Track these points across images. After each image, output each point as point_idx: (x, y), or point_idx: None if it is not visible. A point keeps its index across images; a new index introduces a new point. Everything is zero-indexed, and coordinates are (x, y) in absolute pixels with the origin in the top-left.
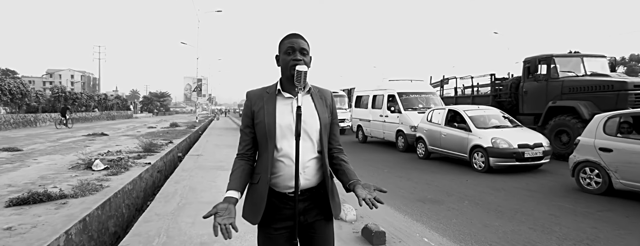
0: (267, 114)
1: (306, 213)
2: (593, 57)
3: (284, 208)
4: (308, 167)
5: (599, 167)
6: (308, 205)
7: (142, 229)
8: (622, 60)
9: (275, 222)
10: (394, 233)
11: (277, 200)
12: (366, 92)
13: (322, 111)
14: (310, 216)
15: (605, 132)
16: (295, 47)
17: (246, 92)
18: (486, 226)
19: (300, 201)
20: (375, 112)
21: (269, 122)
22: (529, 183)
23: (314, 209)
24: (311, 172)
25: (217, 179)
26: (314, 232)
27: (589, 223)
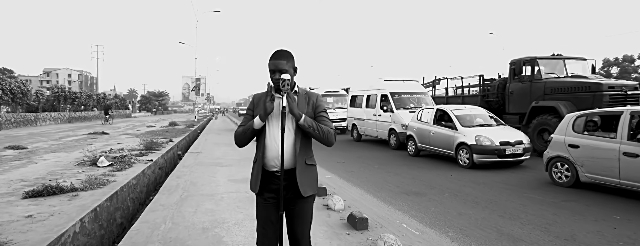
0: (260, 108)
1: (287, 189)
2: (575, 60)
3: (271, 183)
4: (287, 153)
5: (568, 162)
6: (288, 184)
7: (150, 217)
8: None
9: (266, 193)
10: (376, 220)
11: (267, 177)
12: (360, 91)
13: (303, 107)
14: (290, 192)
15: (573, 130)
16: (275, 69)
17: (253, 94)
18: (461, 214)
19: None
20: (369, 111)
21: (258, 113)
22: (508, 178)
23: (293, 187)
24: (288, 157)
25: (216, 174)
26: (294, 205)
27: (551, 210)
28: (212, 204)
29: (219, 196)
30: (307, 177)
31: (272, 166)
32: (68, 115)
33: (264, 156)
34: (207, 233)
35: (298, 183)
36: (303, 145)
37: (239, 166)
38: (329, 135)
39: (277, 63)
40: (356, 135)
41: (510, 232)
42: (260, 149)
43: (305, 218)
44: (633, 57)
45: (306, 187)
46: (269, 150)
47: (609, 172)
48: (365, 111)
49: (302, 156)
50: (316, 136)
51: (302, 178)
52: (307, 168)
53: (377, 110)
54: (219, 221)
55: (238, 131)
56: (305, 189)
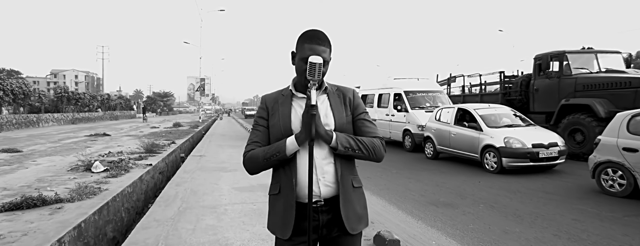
0: (281, 116)
1: (328, 226)
2: (607, 53)
3: (304, 220)
4: (327, 173)
5: (623, 168)
6: (331, 217)
7: (140, 237)
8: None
9: (297, 236)
10: (408, 241)
11: (300, 212)
12: (371, 90)
13: (339, 110)
14: (333, 230)
15: (629, 131)
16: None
17: (262, 96)
18: (506, 232)
19: (322, 213)
20: (381, 111)
21: (284, 125)
22: (544, 185)
23: (337, 222)
24: (331, 179)
25: (220, 181)
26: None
27: (618, 229)
28: (213, 219)
29: (222, 208)
30: (356, 205)
31: (305, 196)
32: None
33: (294, 185)
34: None
35: (342, 215)
36: (345, 162)
37: (244, 171)
38: (375, 149)
39: (318, 49)
40: None
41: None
42: (289, 174)
43: None
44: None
45: (354, 220)
46: (300, 174)
47: None
48: (377, 111)
49: (347, 177)
50: (360, 156)
51: (348, 208)
52: (354, 194)
53: (390, 109)
54: (221, 242)
55: (256, 153)
56: (353, 223)
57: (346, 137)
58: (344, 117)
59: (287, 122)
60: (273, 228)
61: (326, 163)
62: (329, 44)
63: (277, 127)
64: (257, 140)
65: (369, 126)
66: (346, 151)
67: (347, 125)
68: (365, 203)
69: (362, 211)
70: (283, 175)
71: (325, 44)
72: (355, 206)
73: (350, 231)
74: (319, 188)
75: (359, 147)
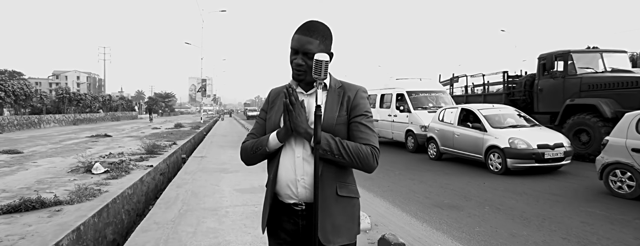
0: (276, 111)
1: (308, 232)
2: (613, 53)
3: (285, 221)
4: (307, 174)
5: (632, 169)
6: (308, 223)
7: (139, 240)
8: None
9: (277, 235)
10: (413, 244)
11: (279, 210)
12: (373, 91)
13: (331, 109)
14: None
15: (638, 132)
16: (299, 50)
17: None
18: (513, 235)
19: (302, 217)
20: (383, 112)
21: (275, 119)
22: (551, 186)
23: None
24: (309, 181)
25: (221, 182)
26: None
27: (629, 232)
28: (214, 221)
29: (223, 210)
30: (337, 216)
31: (288, 196)
32: (73, 117)
33: (276, 180)
34: None
35: (318, 225)
36: (329, 165)
37: (246, 172)
38: (360, 157)
39: (303, 40)
40: None
41: None
42: (271, 169)
43: None
44: None
45: (330, 231)
46: (282, 170)
47: None
48: (379, 111)
49: (331, 182)
50: (341, 162)
51: (325, 216)
52: (338, 202)
53: (392, 110)
54: (222, 245)
55: (247, 145)
56: (328, 234)
57: (329, 138)
58: (335, 117)
59: (279, 116)
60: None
61: (307, 164)
62: (320, 36)
63: (272, 120)
64: (253, 132)
65: (362, 131)
66: (325, 154)
67: (338, 126)
68: (353, 215)
69: (345, 223)
70: (269, 170)
71: (314, 35)
72: (334, 215)
73: (324, 242)
74: (297, 189)
75: (340, 152)
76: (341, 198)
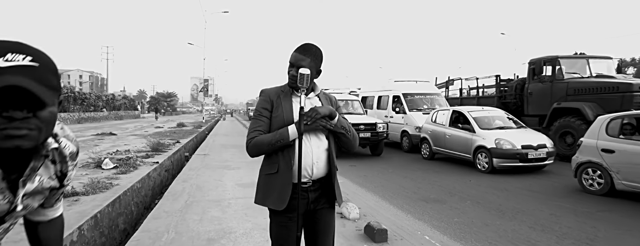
0: (284, 110)
1: (315, 201)
2: (599, 59)
3: (294, 198)
4: (320, 159)
5: (601, 168)
6: (318, 194)
7: (152, 225)
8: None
9: (289, 210)
10: (396, 231)
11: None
12: (371, 92)
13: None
14: (318, 204)
15: (607, 134)
16: (294, 64)
17: (261, 89)
18: (487, 225)
19: (311, 191)
20: (380, 113)
21: (287, 117)
22: (531, 184)
23: (322, 197)
24: (321, 165)
25: (224, 178)
26: (319, 218)
27: (589, 222)
28: (218, 211)
29: (226, 202)
30: (339, 185)
31: (304, 176)
32: (77, 116)
33: (291, 166)
34: (212, 245)
35: (336, 193)
36: (333, 151)
37: (248, 169)
38: (355, 137)
39: (298, 57)
40: None
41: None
42: (286, 158)
43: (330, 232)
44: None
45: (340, 196)
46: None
47: None
48: (376, 112)
49: (334, 162)
50: (346, 138)
51: (337, 187)
52: (336, 175)
53: (389, 111)
54: (225, 231)
55: (261, 139)
56: (340, 199)
57: (345, 122)
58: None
59: (290, 115)
60: (265, 201)
61: (321, 151)
62: (312, 55)
63: (280, 118)
64: (259, 128)
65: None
66: (340, 129)
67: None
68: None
69: (339, 189)
70: (281, 159)
71: (307, 54)
72: (338, 185)
73: (339, 204)
74: (312, 170)
75: (349, 129)
76: (335, 172)
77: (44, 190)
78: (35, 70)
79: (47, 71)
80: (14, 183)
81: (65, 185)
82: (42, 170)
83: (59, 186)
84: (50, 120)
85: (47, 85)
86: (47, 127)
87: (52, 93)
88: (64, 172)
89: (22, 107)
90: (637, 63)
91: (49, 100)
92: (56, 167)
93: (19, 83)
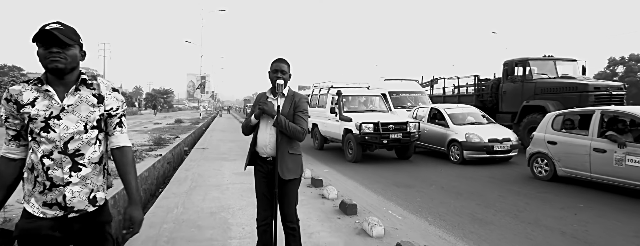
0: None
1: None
2: (565, 61)
3: (259, 165)
4: (271, 142)
5: (547, 157)
6: (272, 168)
7: (163, 203)
8: (621, 60)
9: (257, 173)
10: (365, 207)
11: (259, 160)
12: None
13: (286, 107)
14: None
15: (552, 128)
16: (278, 69)
17: (259, 93)
18: (442, 203)
19: (269, 163)
20: None
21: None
22: (494, 172)
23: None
24: (272, 145)
25: (222, 168)
26: (282, 186)
27: (525, 200)
28: (218, 193)
29: (224, 186)
30: (289, 163)
31: (261, 153)
32: None
33: (256, 144)
34: (214, 216)
35: (278, 167)
36: (285, 138)
37: (244, 161)
38: (295, 132)
39: (280, 65)
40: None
41: (483, 218)
42: (254, 138)
43: (289, 198)
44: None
45: (286, 171)
46: (259, 140)
47: (581, 166)
48: None
49: (284, 145)
50: (285, 133)
51: (282, 163)
52: (289, 156)
53: None
54: (224, 207)
55: (243, 123)
56: (285, 173)
57: (283, 120)
58: (288, 110)
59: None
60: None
61: (270, 135)
62: (286, 65)
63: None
64: (247, 117)
65: (299, 118)
66: (278, 126)
67: (289, 116)
68: (297, 163)
69: (293, 167)
70: (253, 139)
71: (283, 63)
72: (288, 163)
73: (282, 176)
74: (267, 149)
75: (285, 127)
76: (291, 154)
77: (87, 105)
78: (61, 29)
79: (68, 31)
80: (62, 95)
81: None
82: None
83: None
84: (73, 56)
85: (67, 36)
86: (72, 59)
87: (71, 40)
88: (101, 95)
89: (56, 45)
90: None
91: (69, 42)
92: (93, 91)
93: (53, 31)
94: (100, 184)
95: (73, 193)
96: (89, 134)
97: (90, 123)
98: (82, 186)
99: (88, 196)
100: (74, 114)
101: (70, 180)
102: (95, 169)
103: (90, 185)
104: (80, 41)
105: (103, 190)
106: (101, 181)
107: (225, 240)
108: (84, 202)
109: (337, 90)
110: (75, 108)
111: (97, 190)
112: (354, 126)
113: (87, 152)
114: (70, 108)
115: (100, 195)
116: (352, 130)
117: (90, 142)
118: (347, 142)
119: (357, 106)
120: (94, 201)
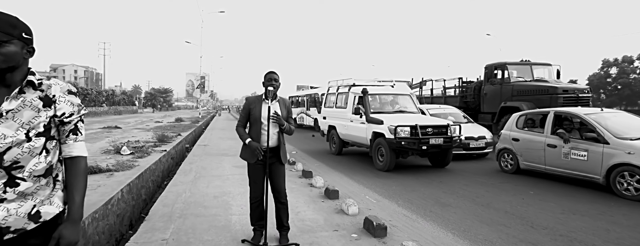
0: (258, 110)
1: (271, 158)
2: (540, 65)
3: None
4: (274, 136)
5: (512, 153)
6: (272, 155)
7: (173, 189)
8: (614, 62)
9: (256, 161)
10: (346, 193)
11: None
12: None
13: (282, 110)
14: (272, 160)
15: (516, 126)
16: (271, 79)
17: (246, 97)
18: (413, 190)
19: (269, 151)
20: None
21: (257, 114)
22: (468, 167)
23: (273, 157)
24: (275, 139)
25: (223, 162)
26: (274, 168)
27: (486, 188)
28: (220, 182)
29: (225, 177)
30: (285, 152)
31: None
32: None
33: (259, 140)
34: (217, 199)
35: (280, 155)
36: (283, 134)
37: None
38: (290, 131)
39: (273, 76)
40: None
41: (445, 202)
42: (254, 135)
43: (283, 175)
44: (632, 58)
45: (283, 157)
46: (263, 137)
47: (538, 160)
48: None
49: (282, 140)
50: (287, 132)
51: (282, 152)
52: (283, 147)
53: None
54: (226, 192)
55: (238, 131)
56: (282, 159)
57: (288, 125)
58: (285, 113)
59: (259, 114)
60: (245, 156)
61: (274, 133)
62: (277, 75)
63: (255, 116)
64: (242, 121)
65: (291, 119)
66: (287, 131)
67: (285, 117)
68: (286, 151)
69: (285, 154)
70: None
71: (275, 74)
72: (284, 152)
73: (283, 161)
74: (269, 143)
75: (289, 130)
76: (283, 145)
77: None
78: None
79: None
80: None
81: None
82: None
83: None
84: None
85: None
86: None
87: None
88: (49, 97)
89: None
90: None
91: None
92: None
93: None
94: (46, 198)
95: (9, 211)
96: (33, 143)
97: (34, 130)
98: (20, 202)
99: (28, 212)
100: (13, 121)
101: (4, 196)
102: (39, 182)
103: (32, 201)
104: (22, 35)
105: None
106: (49, 194)
107: (227, 215)
108: (22, 220)
109: (363, 89)
110: (16, 113)
111: (41, 204)
112: (386, 129)
113: (28, 164)
114: (10, 114)
115: (47, 209)
116: (384, 134)
117: (34, 152)
118: (377, 148)
119: (384, 107)
120: (36, 217)
